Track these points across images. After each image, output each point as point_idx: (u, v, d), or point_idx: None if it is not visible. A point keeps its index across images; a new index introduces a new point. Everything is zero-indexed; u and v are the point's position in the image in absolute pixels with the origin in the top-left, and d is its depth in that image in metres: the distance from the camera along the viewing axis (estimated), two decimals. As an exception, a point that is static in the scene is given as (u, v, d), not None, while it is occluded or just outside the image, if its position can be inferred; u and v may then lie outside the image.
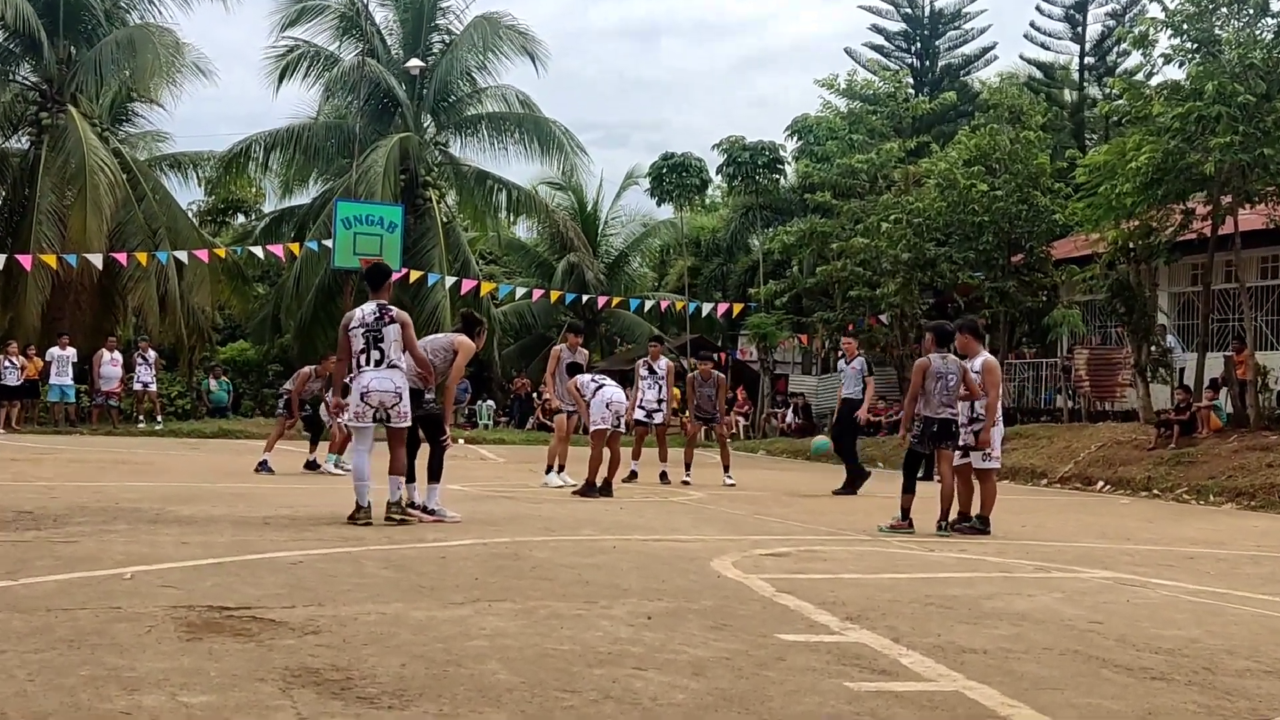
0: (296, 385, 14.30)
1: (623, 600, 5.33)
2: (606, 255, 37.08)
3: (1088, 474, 15.93)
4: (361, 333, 8.13)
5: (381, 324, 8.11)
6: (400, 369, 8.15)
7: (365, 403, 8.11)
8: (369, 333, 8.12)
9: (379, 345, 8.09)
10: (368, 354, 8.12)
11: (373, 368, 8.10)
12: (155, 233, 26.57)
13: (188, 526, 7.64)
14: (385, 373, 8.08)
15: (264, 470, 13.36)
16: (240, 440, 21.78)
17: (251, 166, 30.50)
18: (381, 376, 8.08)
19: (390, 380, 8.08)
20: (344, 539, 7.24)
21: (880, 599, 5.62)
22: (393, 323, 8.12)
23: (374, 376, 8.09)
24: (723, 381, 14.92)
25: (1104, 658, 4.49)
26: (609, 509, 10.11)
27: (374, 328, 8.11)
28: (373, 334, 8.10)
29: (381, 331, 8.09)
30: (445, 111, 32.09)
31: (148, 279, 25.89)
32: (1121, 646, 4.72)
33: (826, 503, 12.13)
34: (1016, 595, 5.93)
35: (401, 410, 8.13)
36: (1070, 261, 21.57)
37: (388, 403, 8.07)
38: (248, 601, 4.94)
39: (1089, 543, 8.93)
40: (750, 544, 7.80)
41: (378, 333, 8.09)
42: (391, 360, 8.11)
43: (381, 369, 8.09)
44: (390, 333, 8.10)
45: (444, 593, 5.36)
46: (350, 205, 26.04)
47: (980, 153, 21.62)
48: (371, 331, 8.11)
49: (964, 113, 30.55)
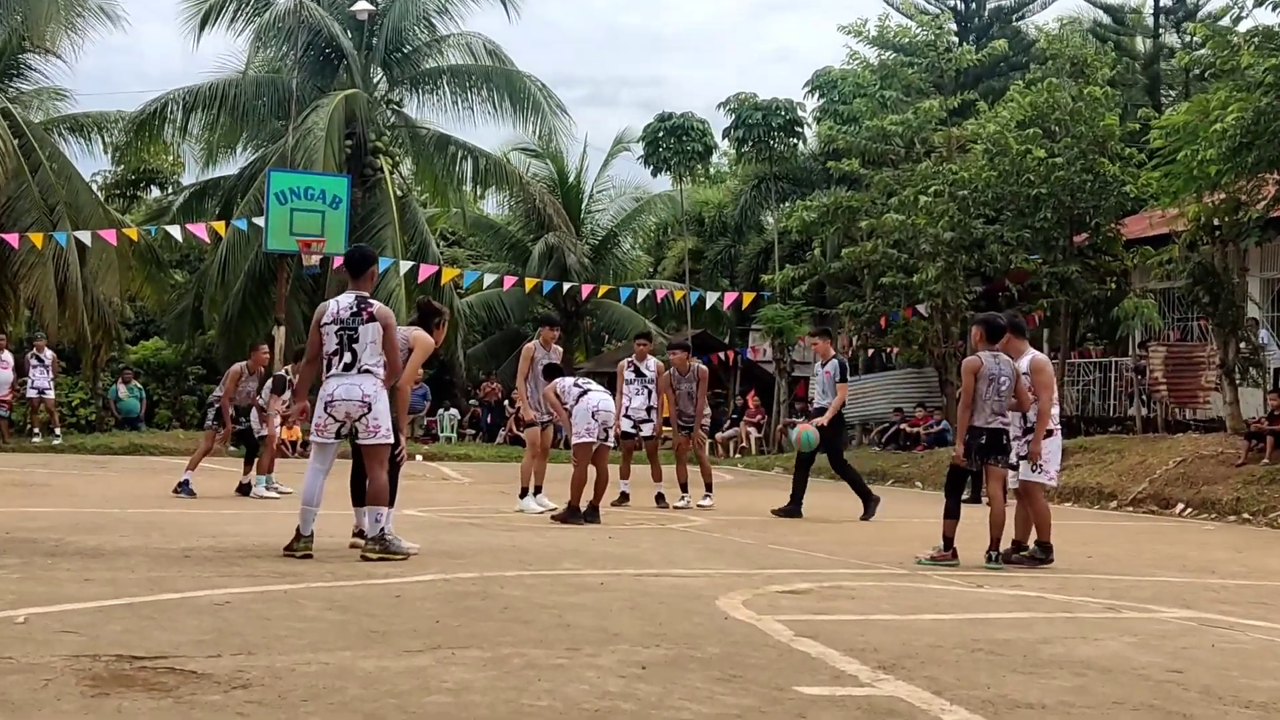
0: (227, 388, 14.26)
1: (612, 647, 5.33)
2: (592, 235, 37.12)
3: (1165, 495, 15.97)
4: (335, 330, 8.08)
5: (359, 320, 8.05)
6: (374, 374, 8.09)
7: (328, 414, 8.07)
8: (343, 330, 8.06)
9: (352, 346, 8.04)
10: (339, 355, 8.07)
11: (341, 372, 8.07)
12: (53, 209, 26.49)
13: (93, 560, 7.63)
14: (354, 379, 8.03)
15: (184, 492, 13.37)
16: (155, 457, 21.76)
17: (168, 130, 30.46)
18: (349, 383, 8.03)
19: (358, 388, 8.02)
20: (279, 575, 7.23)
21: (919, 644, 5.63)
22: (371, 320, 8.05)
23: (340, 383, 8.07)
24: (704, 375, 14.51)
25: (1185, 713, 4.50)
26: (595, 538, 10.11)
27: (349, 324, 8.05)
28: (347, 332, 8.05)
29: (357, 330, 8.04)
30: (399, 64, 32.09)
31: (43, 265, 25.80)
32: (1206, 700, 4.73)
33: (855, 530, 12.15)
34: (1080, 639, 5.94)
35: (372, 424, 8.04)
36: (1144, 242, 21.61)
37: (354, 414, 8.02)
38: (164, 649, 4.93)
39: (1167, 576, 8.95)
40: (764, 579, 7.80)
41: (353, 331, 8.04)
42: (364, 364, 8.06)
43: (351, 374, 8.05)
44: (368, 332, 8.04)
45: (398, 639, 5.36)
46: (286, 176, 26.03)
47: (1037, 112, 21.64)
48: (346, 329, 8.05)
49: (1017, 65, 30.63)
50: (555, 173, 36.34)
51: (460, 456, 24.97)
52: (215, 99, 29.84)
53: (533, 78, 31.64)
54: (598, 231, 37.58)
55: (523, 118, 31.72)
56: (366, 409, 8.01)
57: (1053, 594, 7.60)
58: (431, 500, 14.06)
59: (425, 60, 32.42)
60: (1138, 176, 20.15)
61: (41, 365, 23.13)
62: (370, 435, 8.07)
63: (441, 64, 32.35)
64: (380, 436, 8.08)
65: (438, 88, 31.93)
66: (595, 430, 11.56)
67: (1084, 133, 21.19)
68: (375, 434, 8.06)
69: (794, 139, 31.72)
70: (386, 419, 8.08)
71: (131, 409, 27.07)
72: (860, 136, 26.79)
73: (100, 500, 12.55)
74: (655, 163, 31.76)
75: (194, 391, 31.15)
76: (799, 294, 29.18)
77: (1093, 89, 21.52)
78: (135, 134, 30.24)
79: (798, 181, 33.62)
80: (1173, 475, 16.37)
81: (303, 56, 29.85)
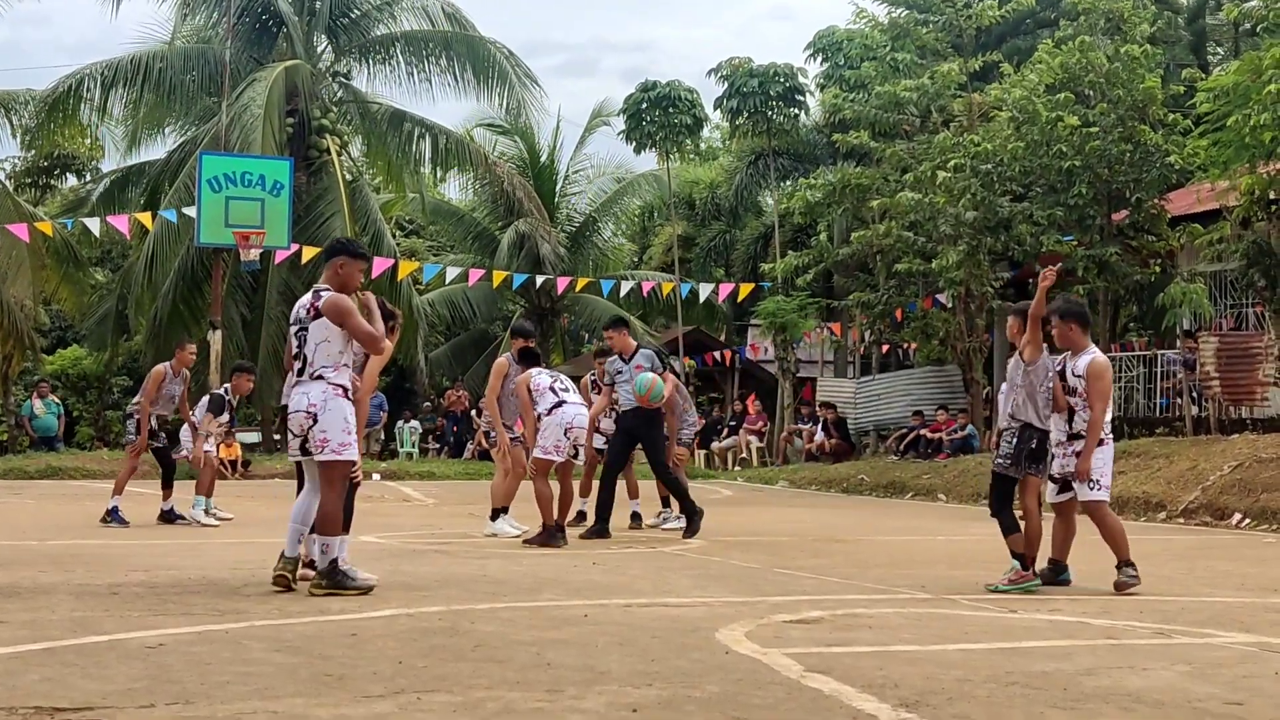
0: (147, 391, 13.87)
1: (599, 687, 5.33)
2: (568, 221, 37.13)
3: (1220, 504, 16.02)
4: (295, 330, 8.14)
5: (309, 318, 8.05)
6: (325, 380, 8.00)
7: (288, 426, 8.15)
8: (300, 330, 8.09)
9: (303, 349, 8.07)
10: (298, 359, 8.10)
11: (296, 378, 8.11)
12: (-46, 202, 26.44)
13: (7, 600, 7.60)
14: (304, 385, 8.03)
15: (114, 520, 13.28)
16: (76, 481, 21.68)
17: (84, 110, 30.38)
18: (299, 391, 8.04)
19: (305, 396, 7.99)
20: (219, 613, 7.22)
21: (946, 678, 5.64)
22: (318, 316, 8.03)
23: (292, 392, 8.11)
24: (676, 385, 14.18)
25: (1246, 751, 4.51)
26: (578, 564, 10.11)
27: (305, 323, 8.07)
28: (303, 331, 8.07)
29: (309, 328, 8.05)
30: (346, 31, 32.08)
31: (-55, 265, 25.76)
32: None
33: (871, 550, 12.17)
34: (1128, 669, 5.96)
35: (319, 437, 7.95)
36: (1191, 219, 21.69)
37: (303, 425, 8.00)
38: (90, 700, 4.91)
39: (1224, 596, 8.97)
40: (769, 607, 7.81)
41: (305, 329, 8.06)
42: (315, 369, 8.03)
43: (303, 381, 8.06)
44: (317, 330, 8.01)
45: (357, 682, 5.35)
46: (220, 160, 25.99)
47: (1068, 75, 21.72)
48: (302, 328, 8.08)
49: (1045, 22, 30.69)
50: (525, 151, 36.32)
51: (423, 474, 24.94)
52: (138, 74, 29.74)
53: (498, 44, 31.69)
54: (575, 217, 37.58)
55: (487, 90, 31.75)
56: (311, 420, 7.95)
57: (1095, 619, 7.62)
58: (391, 524, 14.04)
59: (376, 26, 32.42)
60: (1183, 146, 20.23)
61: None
62: (318, 450, 7.98)
63: (394, 30, 32.36)
64: (328, 452, 7.96)
65: (390, 57, 31.92)
66: (564, 449, 11.53)
67: (1121, 97, 21.27)
68: (323, 448, 7.97)
69: (795, 109, 31.78)
70: (339, 431, 7.97)
71: (48, 427, 26.96)
72: (870, 105, 26.81)
73: (14, 531, 12.50)
74: (638, 138, 31.78)
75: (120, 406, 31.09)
76: (803, 284, 29.22)
77: (1130, 47, 21.60)
78: (47, 115, 30.13)
79: (800, 157, 33.67)
80: (1228, 482, 16.41)
81: (236, 24, 29.82)
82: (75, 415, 30.40)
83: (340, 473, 8.03)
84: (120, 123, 31.67)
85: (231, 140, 27.19)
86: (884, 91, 26.22)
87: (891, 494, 21.33)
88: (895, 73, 26.86)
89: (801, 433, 28.70)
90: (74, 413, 30.18)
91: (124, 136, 32.04)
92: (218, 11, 30.64)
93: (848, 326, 30.52)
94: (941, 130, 24.75)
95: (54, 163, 38.25)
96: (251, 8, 30.66)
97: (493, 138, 36.62)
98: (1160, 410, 23.32)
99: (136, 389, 28.71)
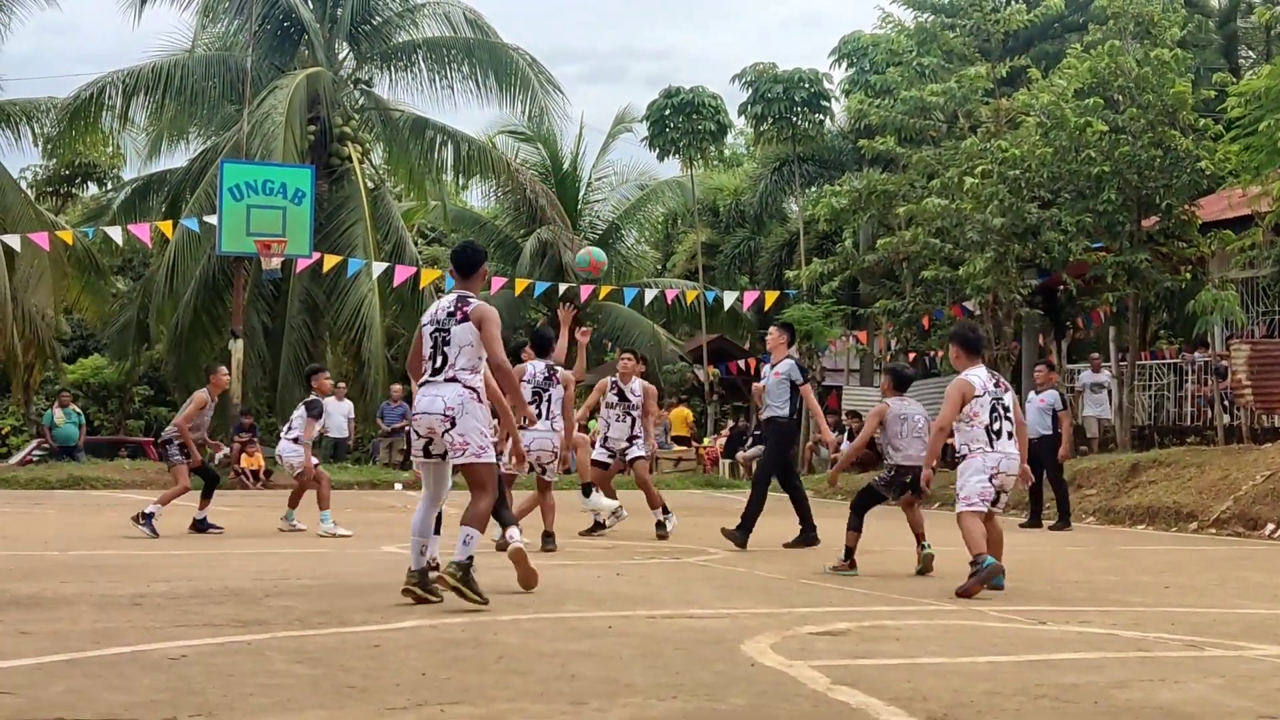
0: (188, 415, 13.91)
1: (623, 700, 5.33)
2: (591, 229, 37.17)
3: (1252, 514, 15.94)
4: (430, 331, 8.09)
5: (452, 320, 8.01)
6: (462, 383, 7.92)
7: (414, 429, 8.06)
8: (437, 331, 8.04)
9: (444, 349, 7.99)
10: (432, 359, 8.04)
11: (430, 378, 8.03)
12: (-24, 211, 26.61)
13: (30, 611, 7.64)
14: (439, 388, 7.94)
15: (145, 526, 13.13)
16: (98, 491, 21.78)
17: (106, 118, 30.59)
18: (432, 394, 7.94)
19: (441, 399, 7.88)
20: (241, 624, 7.24)
21: (974, 691, 5.63)
22: (465, 320, 7.98)
23: (423, 394, 8.00)
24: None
25: (1280, 765, 4.50)
26: (602, 576, 10.12)
27: (443, 325, 8.03)
28: (441, 333, 8.02)
29: (450, 331, 7.99)
30: (368, 38, 32.21)
31: (-34, 274, 25.92)
32: (1303, 749, 4.73)
33: (897, 561, 12.14)
34: (1159, 682, 5.94)
35: (458, 441, 7.84)
36: (1223, 225, 21.60)
37: (436, 429, 7.88)
38: (113, 711, 4.93)
39: (1257, 608, 8.94)
40: (795, 619, 7.80)
41: (446, 332, 8.00)
42: (454, 371, 7.95)
43: (437, 382, 7.98)
44: (462, 333, 7.97)
45: (379, 695, 5.36)
46: (241, 168, 26.10)
47: (1097, 80, 21.65)
48: (440, 329, 8.03)
49: (1074, 26, 30.64)
50: (548, 158, 36.37)
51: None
52: (159, 82, 29.90)
53: (520, 50, 31.77)
54: (597, 224, 37.63)
55: (510, 96, 31.84)
56: (449, 423, 7.85)
57: (1125, 631, 7.60)
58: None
59: (397, 33, 32.55)
60: (1214, 151, 20.13)
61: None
62: (456, 453, 7.89)
63: (416, 37, 32.48)
64: (469, 455, 7.87)
65: (412, 64, 32.05)
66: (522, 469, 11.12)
67: (1151, 102, 21.19)
68: (462, 452, 7.88)
69: (820, 115, 31.77)
70: (477, 434, 7.88)
71: (69, 436, 27.08)
72: (896, 111, 26.77)
73: (36, 542, 12.56)
74: (662, 145, 31.81)
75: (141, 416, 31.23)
76: (828, 292, 29.18)
77: (1161, 51, 21.53)
78: (69, 123, 30.31)
79: (825, 163, 33.66)
80: (1261, 492, 16.33)
81: (258, 31, 29.95)
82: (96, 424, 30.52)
83: (487, 474, 7.93)
84: (141, 131, 31.86)
85: (253, 148, 27.31)
86: (910, 97, 26.17)
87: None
88: (921, 78, 26.82)
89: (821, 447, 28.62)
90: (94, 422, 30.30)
91: (145, 144, 32.26)
92: (239, 19, 30.78)
93: (874, 334, 30.50)
94: (969, 136, 24.69)
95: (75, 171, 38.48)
96: (273, 15, 30.80)
97: (515, 145, 36.68)
98: (1191, 419, 23.23)
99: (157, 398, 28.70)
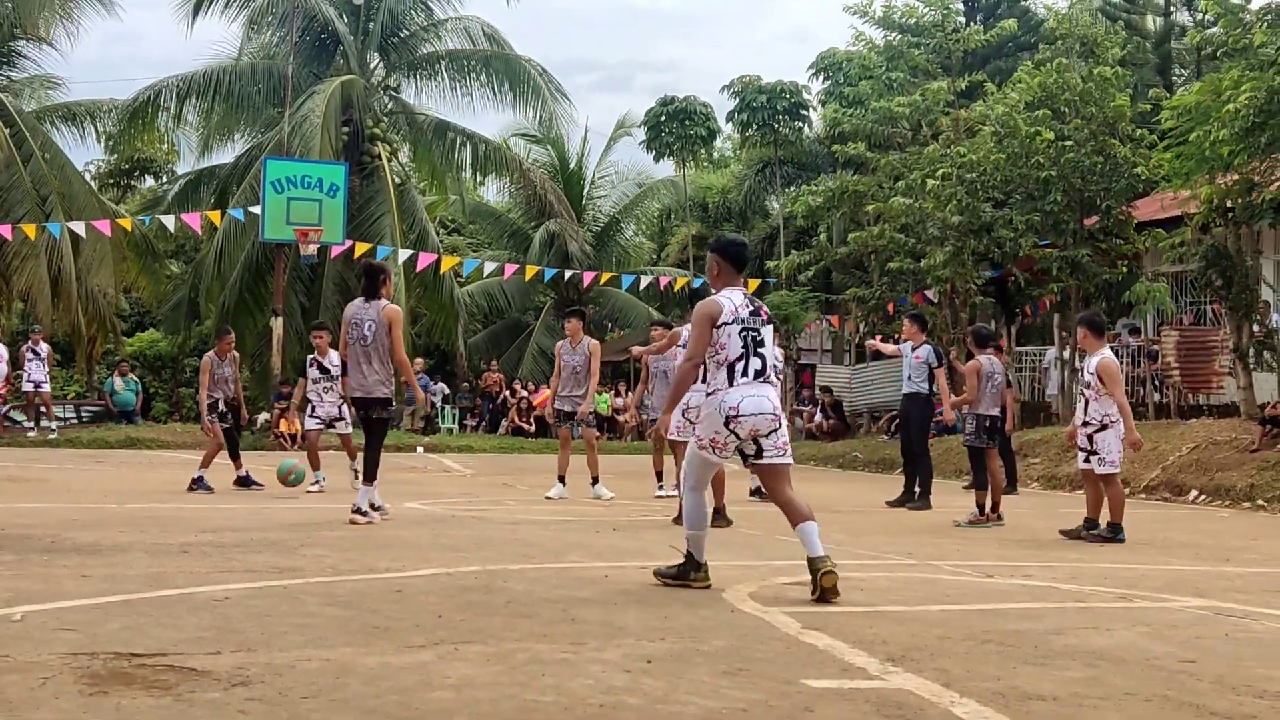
0: (202, 381, 13.87)
1: (618, 641, 5.34)
2: (594, 222, 37.14)
3: (1178, 481, 15.97)
4: (738, 330, 7.12)
5: (759, 321, 7.18)
6: (775, 385, 7.27)
7: (730, 429, 7.02)
8: (746, 331, 7.13)
9: (759, 351, 7.16)
10: (746, 361, 7.10)
11: (752, 380, 7.09)
12: (45, 200, 26.54)
13: (90, 556, 7.65)
14: (763, 389, 7.09)
15: (200, 488, 13.21)
16: (152, 451, 21.80)
17: (162, 118, 30.48)
18: (757, 395, 7.03)
19: (768, 400, 7.09)
20: (279, 571, 7.25)
21: (928, 636, 5.64)
22: (769, 322, 7.32)
23: (744, 395, 7.02)
24: (596, 350, 13.62)
25: (1198, 704, 4.51)
26: (600, 532, 10.14)
27: (751, 325, 7.13)
28: (751, 333, 7.15)
29: (760, 331, 7.17)
30: (396, 49, 32.09)
31: (36, 256, 25.87)
32: (1219, 690, 4.74)
33: (863, 520, 12.16)
34: (1093, 630, 5.95)
35: (780, 441, 7.12)
36: (1156, 225, 21.58)
37: (762, 430, 7.03)
38: (163, 647, 4.94)
39: (1180, 565, 8.95)
40: (771, 571, 7.81)
41: (756, 332, 7.16)
42: (770, 374, 7.22)
43: (759, 384, 7.10)
44: (769, 335, 7.28)
45: (401, 634, 5.37)
46: (282, 164, 26.06)
47: (1046, 94, 21.60)
48: (749, 330, 7.13)
49: (1026, 45, 30.59)
50: (556, 159, 36.34)
51: (462, 448, 24.99)
52: (209, 86, 29.84)
53: (532, 62, 31.65)
54: (599, 218, 37.60)
55: (522, 103, 31.75)
56: (777, 424, 7.13)
57: (1064, 584, 7.61)
58: (433, 493, 14.08)
59: (423, 45, 32.43)
60: (1149, 158, 20.11)
61: (38, 358, 23.19)
62: (778, 453, 7.16)
63: (439, 49, 32.36)
64: (788, 455, 7.22)
65: (436, 73, 31.94)
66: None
67: (1094, 114, 21.15)
68: (785, 451, 7.20)
69: (799, 122, 31.71)
70: (786, 435, 7.26)
71: (127, 402, 27.11)
72: (866, 119, 26.75)
73: (97, 495, 12.59)
74: (658, 148, 31.76)
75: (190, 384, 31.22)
76: (805, 280, 29.18)
77: (1103, 69, 21.48)
78: (129, 122, 30.25)
79: (803, 166, 33.61)
80: (1186, 462, 16.36)
81: (298, 42, 29.85)
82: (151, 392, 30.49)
83: (789, 474, 7.29)
84: (194, 130, 31.77)
85: (293, 147, 27.25)
86: (879, 107, 26.15)
87: (882, 470, 21.30)
88: (889, 90, 26.79)
89: (802, 414, 28.66)
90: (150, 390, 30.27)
91: (197, 142, 32.16)
92: (281, 30, 30.67)
93: (845, 319, 30.49)
94: (931, 143, 24.66)
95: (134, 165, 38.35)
96: (312, 27, 30.69)
97: (527, 146, 36.63)
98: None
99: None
